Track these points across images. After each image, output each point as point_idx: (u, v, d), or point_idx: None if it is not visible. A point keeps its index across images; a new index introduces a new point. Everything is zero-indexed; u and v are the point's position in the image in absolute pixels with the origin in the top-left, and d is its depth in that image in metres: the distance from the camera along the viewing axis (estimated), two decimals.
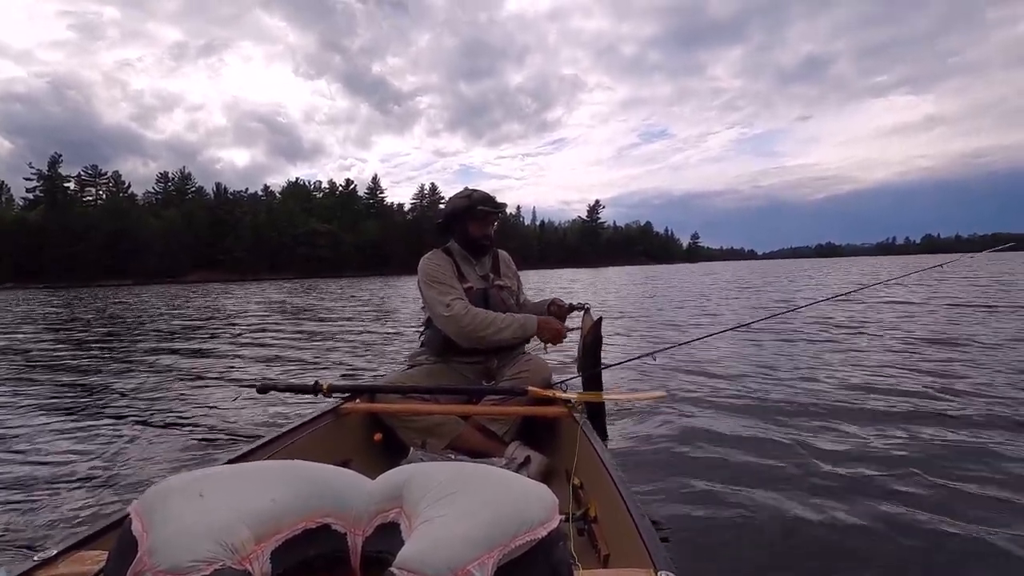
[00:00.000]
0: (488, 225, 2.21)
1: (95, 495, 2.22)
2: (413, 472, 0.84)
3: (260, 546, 0.69)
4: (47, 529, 1.93)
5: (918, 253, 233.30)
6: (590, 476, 1.47)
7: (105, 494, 2.22)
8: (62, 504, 2.13)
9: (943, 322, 6.61)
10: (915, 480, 2.13)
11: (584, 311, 2.31)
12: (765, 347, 5.30)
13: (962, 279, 14.84)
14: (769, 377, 4.01)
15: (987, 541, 1.67)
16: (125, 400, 3.96)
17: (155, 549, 0.63)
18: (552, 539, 0.74)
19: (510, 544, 0.69)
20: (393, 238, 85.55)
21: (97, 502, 2.15)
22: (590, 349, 2.16)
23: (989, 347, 4.85)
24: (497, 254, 2.35)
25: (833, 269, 25.43)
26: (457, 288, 2.10)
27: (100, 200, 76.53)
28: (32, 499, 2.19)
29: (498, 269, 2.31)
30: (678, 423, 2.90)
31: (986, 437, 2.58)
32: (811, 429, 2.76)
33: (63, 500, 2.18)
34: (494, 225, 2.25)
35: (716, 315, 8.98)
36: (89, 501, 2.16)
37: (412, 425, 1.93)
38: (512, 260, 2.42)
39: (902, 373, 3.99)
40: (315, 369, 5.12)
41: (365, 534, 0.80)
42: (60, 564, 0.86)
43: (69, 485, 2.33)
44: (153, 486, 0.75)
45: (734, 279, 23.14)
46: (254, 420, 3.24)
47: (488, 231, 2.21)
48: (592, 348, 2.15)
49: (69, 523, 1.96)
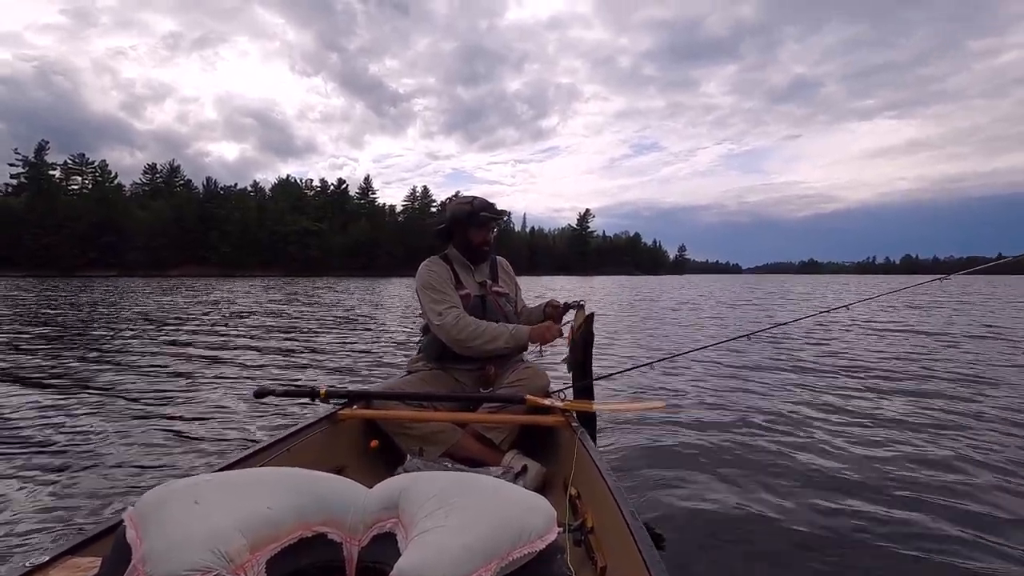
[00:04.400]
0: (488, 232, 2.22)
1: (88, 500, 2.16)
2: (410, 482, 0.84)
3: (255, 555, 0.68)
4: (39, 534, 1.88)
5: (898, 273, 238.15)
6: (587, 486, 1.47)
7: (98, 499, 2.17)
8: (53, 509, 2.08)
9: (921, 338, 6.75)
10: (910, 487, 2.19)
11: (578, 307, 2.30)
12: (759, 359, 5.41)
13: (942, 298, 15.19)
14: (764, 388, 4.08)
15: (977, 542, 1.74)
16: (118, 401, 3.87)
17: (149, 557, 0.62)
18: (550, 552, 0.74)
19: (508, 556, 0.69)
20: (383, 239, 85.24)
21: (90, 507, 2.10)
22: (579, 344, 2.14)
23: (970, 362, 4.96)
24: (496, 261, 2.36)
25: (821, 287, 25.78)
26: (452, 296, 2.10)
27: (86, 189, 75.38)
28: (22, 503, 2.14)
29: (496, 276, 2.31)
30: (675, 433, 2.92)
31: (978, 444, 2.68)
32: (806, 439, 2.83)
33: (54, 505, 2.12)
34: (494, 232, 2.26)
35: (708, 327, 9.05)
36: (82, 506, 2.11)
37: (409, 432, 1.91)
38: (513, 277, 2.42)
39: (888, 383, 4.14)
40: (308, 372, 5.07)
41: (361, 544, 0.79)
42: (52, 570, 0.85)
43: (60, 490, 2.27)
44: (148, 492, 0.73)
45: (726, 295, 23.34)
46: (249, 425, 3.19)
47: (488, 238, 2.22)
48: (582, 344, 2.13)
49: (61, 529, 1.91)
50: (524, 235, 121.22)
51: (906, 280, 3.81)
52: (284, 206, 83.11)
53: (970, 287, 29.25)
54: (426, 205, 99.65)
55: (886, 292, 4.27)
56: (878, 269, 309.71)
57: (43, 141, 74.79)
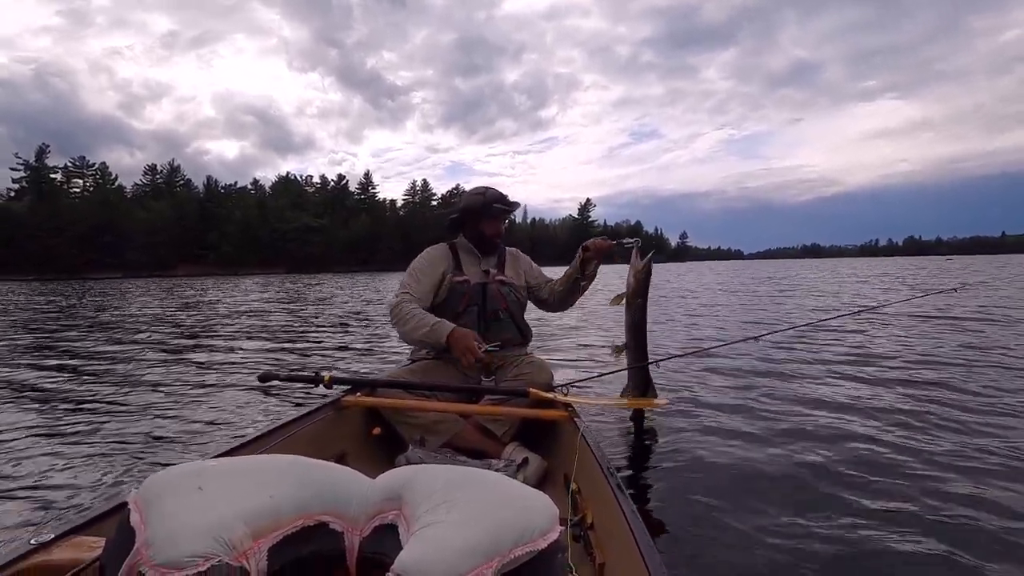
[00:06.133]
0: (500, 224, 2.25)
1: (93, 481, 2.22)
2: (413, 474, 0.84)
3: (257, 543, 0.69)
4: (42, 512, 1.93)
5: (902, 255, 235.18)
6: (588, 482, 1.46)
7: (103, 481, 2.22)
8: (59, 488, 2.14)
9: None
10: (918, 489, 2.12)
11: (634, 246, 2.16)
12: (770, 357, 5.05)
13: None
14: (774, 386, 3.90)
15: (988, 548, 1.70)
16: (123, 385, 3.96)
17: (152, 542, 0.63)
18: (552, 550, 0.73)
19: (510, 554, 0.68)
20: (384, 234, 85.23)
21: (95, 488, 2.14)
22: (640, 287, 2.08)
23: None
24: (504, 252, 2.34)
25: (835, 276, 25.36)
26: (423, 285, 2.13)
27: (87, 192, 75.50)
28: (26, 482, 2.20)
29: (503, 266, 2.30)
30: (680, 430, 2.87)
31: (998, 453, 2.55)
32: (813, 439, 2.73)
33: (60, 483, 2.18)
34: (506, 223, 2.29)
35: (718, 324, 9.03)
36: (86, 487, 2.16)
37: (412, 421, 1.92)
38: (524, 262, 2.38)
39: (907, 386, 3.89)
40: (311, 360, 5.10)
41: (363, 534, 0.80)
42: (56, 548, 0.85)
43: (65, 470, 2.33)
44: (151, 476, 0.74)
45: (734, 286, 23.12)
46: (254, 409, 3.23)
47: (500, 230, 2.25)
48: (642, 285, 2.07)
49: (65, 509, 1.95)
50: (525, 227, 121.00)
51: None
52: (285, 203, 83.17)
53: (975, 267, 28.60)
54: (426, 199, 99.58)
55: (918, 295, 4.08)
56: (881, 251, 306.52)
57: (43, 144, 75.19)
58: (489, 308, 2.16)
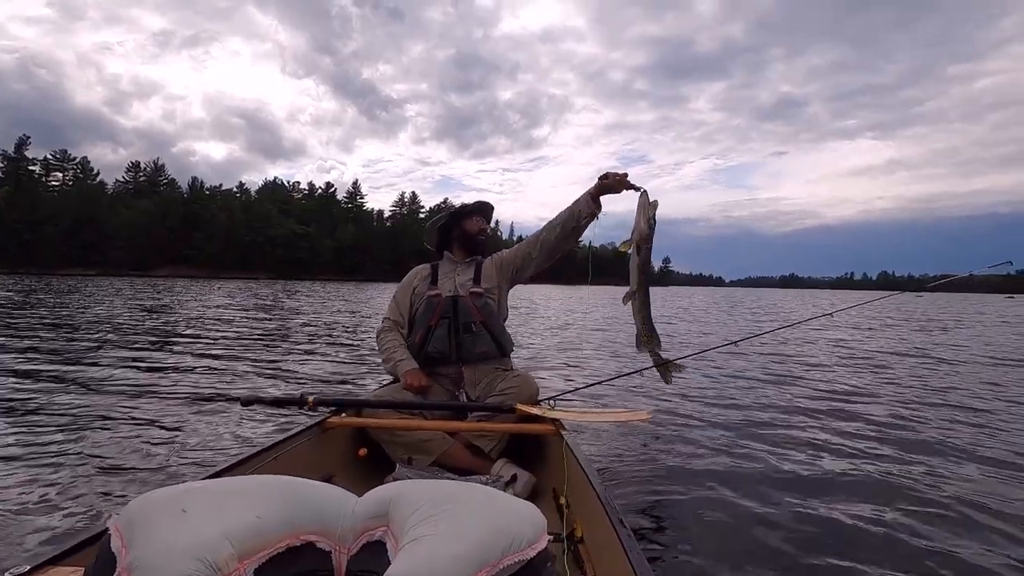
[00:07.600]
0: (482, 220, 2.39)
1: (70, 509, 2.06)
2: (400, 490, 0.83)
3: (243, 563, 0.67)
4: (18, 545, 1.78)
5: (873, 288, 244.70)
6: (577, 495, 1.47)
7: (80, 508, 2.07)
8: (34, 517, 1.98)
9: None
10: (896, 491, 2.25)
11: (641, 192, 2.22)
12: (747, 368, 5.52)
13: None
14: (751, 397, 4.14)
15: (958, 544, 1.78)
16: (100, 407, 3.74)
17: (135, 566, 0.62)
18: (540, 560, 0.74)
19: (498, 564, 0.69)
20: (370, 244, 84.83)
21: (72, 516, 2.00)
22: (650, 231, 2.11)
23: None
24: (480, 264, 2.34)
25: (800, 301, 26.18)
26: (400, 306, 2.31)
27: (67, 186, 74.06)
28: (1, 512, 2.03)
29: (479, 278, 2.31)
30: (664, 442, 2.95)
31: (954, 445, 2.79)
32: (795, 448, 2.86)
33: (35, 513, 2.02)
34: (487, 221, 2.43)
35: (700, 336, 9.12)
36: (64, 515, 2.01)
37: (399, 440, 1.91)
38: (499, 258, 2.39)
39: (868, 391, 4.28)
40: (295, 380, 5.01)
41: (350, 552, 0.79)
42: None
43: (42, 498, 2.15)
44: (133, 500, 0.72)
45: (719, 312, 23.54)
46: (237, 432, 3.11)
47: (483, 226, 2.39)
48: (651, 229, 2.11)
49: (42, 538, 1.83)
50: (512, 242, 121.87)
51: (879, 294, 4.01)
52: (270, 208, 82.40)
53: (944, 304, 29.89)
54: (414, 211, 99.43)
55: (866, 301, 4.38)
56: (855, 285, 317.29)
57: (23, 135, 73.73)
58: (461, 321, 2.15)
